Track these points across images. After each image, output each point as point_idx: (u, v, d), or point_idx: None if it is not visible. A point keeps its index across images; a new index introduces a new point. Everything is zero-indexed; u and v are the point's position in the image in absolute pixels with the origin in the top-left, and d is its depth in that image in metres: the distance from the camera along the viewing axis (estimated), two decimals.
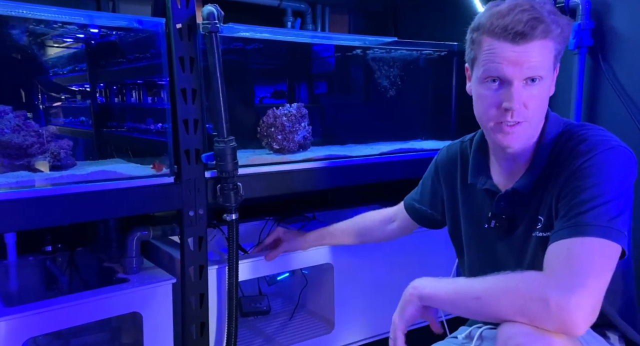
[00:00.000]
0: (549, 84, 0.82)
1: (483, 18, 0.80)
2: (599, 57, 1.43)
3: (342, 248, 1.45)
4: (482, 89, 0.81)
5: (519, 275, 0.74)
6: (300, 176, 1.36)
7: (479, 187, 0.93)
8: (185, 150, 1.16)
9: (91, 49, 1.43)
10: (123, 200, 1.09)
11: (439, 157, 1.11)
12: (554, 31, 0.77)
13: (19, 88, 1.34)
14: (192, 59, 1.15)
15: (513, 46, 0.76)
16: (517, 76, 0.77)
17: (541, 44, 0.77)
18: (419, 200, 1.16)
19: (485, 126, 0.84)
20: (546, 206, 0.82)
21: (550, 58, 0.79)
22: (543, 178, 0.84)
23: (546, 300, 0.68)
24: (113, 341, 1.29)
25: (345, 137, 1.72)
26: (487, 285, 0.75)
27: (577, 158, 0.78)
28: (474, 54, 0.83)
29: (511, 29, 0.76)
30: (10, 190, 0.98)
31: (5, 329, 0.98)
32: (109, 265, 1.32)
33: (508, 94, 0.78)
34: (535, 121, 0.82)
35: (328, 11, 1.96)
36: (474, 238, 0.96)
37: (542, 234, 0.82)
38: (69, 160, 1.16)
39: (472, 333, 0.91)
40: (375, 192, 2.07)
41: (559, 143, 0.84)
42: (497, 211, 0.89)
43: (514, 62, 0.77)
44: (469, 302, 0.75)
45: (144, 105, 1.47)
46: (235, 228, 1.22)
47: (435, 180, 1.10)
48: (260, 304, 1.56)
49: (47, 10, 1.08)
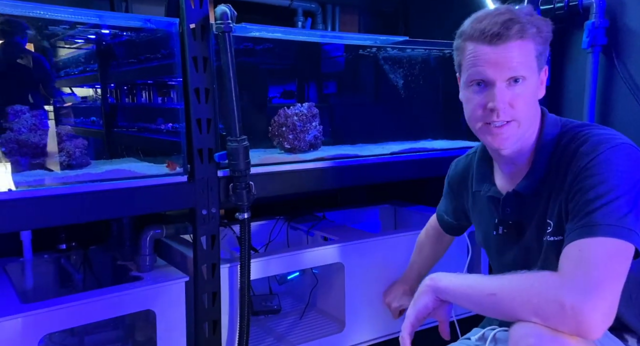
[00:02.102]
0: (534, 85, 0.82)
1: (465, 25, 0.84)
2: (612, 56, 1.42)
3: (352, 247, 1.46)
4: (468, 93, 0.84)
5: (534, 275, 0.74)
6: (311, 175, 1.37)
7: (482, 194, 0.93)
8: (199, 149, 1.17)
9: (104, 49, 1.45)
10: (138, 198, 1.10)
11: (449, 173, 1.13)
12: (529, 30, 0.79)
13: (34, 89, 1.36)
14: (205, 58, 1.16)
15: (492, 48, 0.79)
16: (499, 77, 0.79)
17: (519, 44, 0.79)
18: (445, 211, 1.18)
19: (475, 128, 0.86)
20: (554, 209, 0.81)
21: (531, 58, 0.80)
22: (547, 181, 0.83)
23: (562, 303, 0.67)
24: (126, 338, 1.30)
25: (356, 137, 1.72)
26: (502, 282, 0.75)
27: (581, 159, 0.78)
28: (459, 59, 0.86)
29: (488, 31, 0.78)
30: (27, 189, 1.00)
31: (22, 325, 1.00)
32: (122, 263, 1.33)
33: (492, 95, 0.80)
34: (523, 120, 0.82)
35: (338, 11, 1.97)
36: (489, 245, 0.97)
37: (553, 238, 0.81)
38: (84, 159, 1.17)
39: (486, 335, 0.90)
40: (384, 192, 2.07)
41: (560, 144, 0.83)
42: (504, 217, 0.89)
43: (494, 63, 0.79)
44: (483, 298, 0.75)
45: (156, 105, 1.48)
46: (247, 226, 1.22)
47: (452, 196, 1.12)
48: (270, 303, 1.56)
49: (64, 11, 1.10)
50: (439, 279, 0.83)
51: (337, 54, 1.82)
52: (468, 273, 0.89)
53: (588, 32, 1.40)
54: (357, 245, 1.46)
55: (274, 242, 1.70)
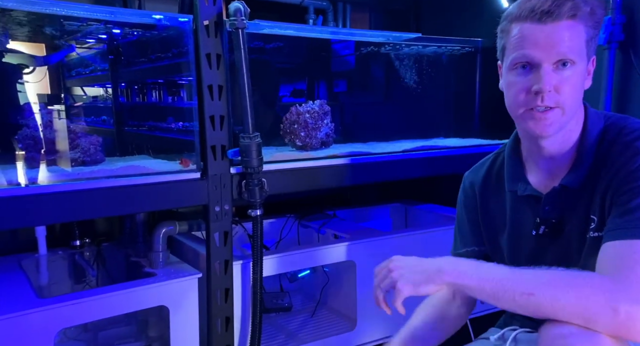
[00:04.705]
0: (582, 71, 0.78)
1: (512, 7, 0.79)
2: (629, 52, 1.40)
3: (364, 245, 1.45)
4: (512, 76, 0.79)
5: (578, 275, 0.69)
6: (323, 173, 1.36)
7: (519, 194, 0.88)
8: (212, 146, 1.18)
9: (118, 47, 1.45)
10: (152, 194, 1.10)
11: (464, 186, 1.01)
12: (583, 9, 0.74)
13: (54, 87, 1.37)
14: (218, 55, 1.16)
15: (540, 26, 0.74)
16: (546, 59, 0.75)
17: (570, 24, 0.74)
18: (462, 246, 1.00)
19: (516, 114, 0.81)
20: (598, 204, 0.78)
21: (581, 42, 0.76)
22: (591, 175, 0.80)
23: (615, 308, 0.65)
24: (140, 334, 1.31)
25: (367, 135, 1.71)
26: (542, 280, 0.70)
27: (637, 155, 0.74)
28: (503, 42, 0.81)
29: (538, 8, 0.73)
30: (44, 184, 1.01)
31: (39, 320, 1.01)
32: (135, 259, 1.34)
33: (537, 77, 0.75)
34: (568, 108, 0.77)
35: (349, 9, 1.96)
36: (518, 248, 0.90)
37: (596, 234, 0.77)
38: (99, 156, 1.18)
39: (506, 336, 0.88)
40: (395, 190, 2.06)
41: (606, 138, 0.80)
42: (545, 215, 0.84)
43: (542, 44, 0.74)
44: (518, 297, 0.70)
45: (170, 102, 1.49)
46: (259, 223, 1.22)
47: (469, 210, 0.99)
48: (282, 301, 1.56)
49: (79, 7, 1.10)
50: (459, 273, 0.74)
51: (348, 51, 1.82)
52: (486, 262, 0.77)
53: (605, 28, 1.38)
54: (368, 243, 1.45)
55: (284, 240, 1.70)
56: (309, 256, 1.39)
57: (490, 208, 0.95)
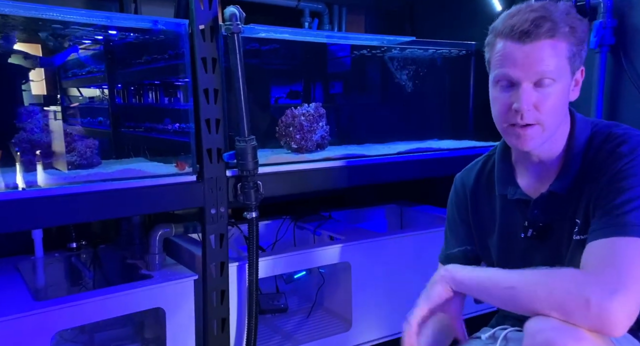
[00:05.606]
0: (564, 87, 0.79)
1: (497, 21, 0.81)
2: (620, 56, 1.42)
3: (359, 246, 1.46)
4: (495, 92, 0.81)
5: (557, 270, 0.73)
6: (318, 175, 1.38)
7: (509, 197, 0.90)
8: (208, 149, 1.19)
9: (114, 50, 1.46)
10: (149, 197, 1.11)
11: (456, 186, 1.03)
12: (561, 29, 0.75)
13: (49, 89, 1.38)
14: (214, 59, 1.17)
15: (519, 45, 0.75)
16: (524, 78, 0.76)
17: (549, 43, 0.75)
18: (455, 245, 1.01)
19: (500, 128, 0.84)
20: (583, 208, 0.80)
21: (561, 60, 0.76)
22: (579, 181, 0.82)
23: (587, 299, 0.67)
24: (136, 336, 1.32)
25: (362, 137, 1.73)
26: (523, 276, 0.74)
27: (619, 160, 0.77)
28: (488, 56, 0.83)
29: (517, 28, 0.74)
30: (40, 188, 1.01)
31: (35, 322, 1.01)
32: (132, 261, 1.35)
33: (517, 96, 0.77)
34: (548, 124, 0.79)
35: (345, 12, 1.97)
36: (509, 250, 0.93)
37: (579, 237, 0.80)
38: (95, 159, 1.19)
39: (497, 334, 0.89)
40: (390, 192, 2.07)
41: (593, 145, 0.82)
42: (533, 219, 0.86)
43: (521, 64, 0.75)
44: (501, 291, 0.74)
45: (165, 105, 1.49)
46: (255, 226, 1.24)
47: (460, 211, 1.00)
48: (277, 302, 1.57)
49: (75, 13, 1.11)
50: (456, 270, 0.82)
51: (343, 54, 1.83)
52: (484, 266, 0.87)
53: (596, 32, 1.40)
54: (363, 245, 1.47)
55: (280, 242, 1.71)
56: (305, 257, 1.40)
57: (480, 210, 0.97)
